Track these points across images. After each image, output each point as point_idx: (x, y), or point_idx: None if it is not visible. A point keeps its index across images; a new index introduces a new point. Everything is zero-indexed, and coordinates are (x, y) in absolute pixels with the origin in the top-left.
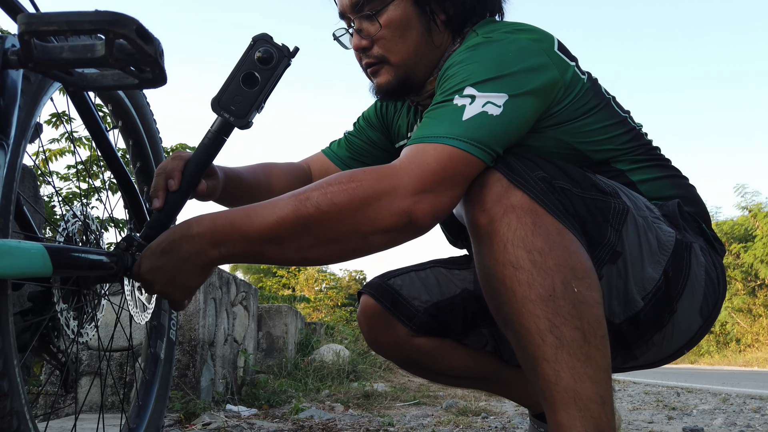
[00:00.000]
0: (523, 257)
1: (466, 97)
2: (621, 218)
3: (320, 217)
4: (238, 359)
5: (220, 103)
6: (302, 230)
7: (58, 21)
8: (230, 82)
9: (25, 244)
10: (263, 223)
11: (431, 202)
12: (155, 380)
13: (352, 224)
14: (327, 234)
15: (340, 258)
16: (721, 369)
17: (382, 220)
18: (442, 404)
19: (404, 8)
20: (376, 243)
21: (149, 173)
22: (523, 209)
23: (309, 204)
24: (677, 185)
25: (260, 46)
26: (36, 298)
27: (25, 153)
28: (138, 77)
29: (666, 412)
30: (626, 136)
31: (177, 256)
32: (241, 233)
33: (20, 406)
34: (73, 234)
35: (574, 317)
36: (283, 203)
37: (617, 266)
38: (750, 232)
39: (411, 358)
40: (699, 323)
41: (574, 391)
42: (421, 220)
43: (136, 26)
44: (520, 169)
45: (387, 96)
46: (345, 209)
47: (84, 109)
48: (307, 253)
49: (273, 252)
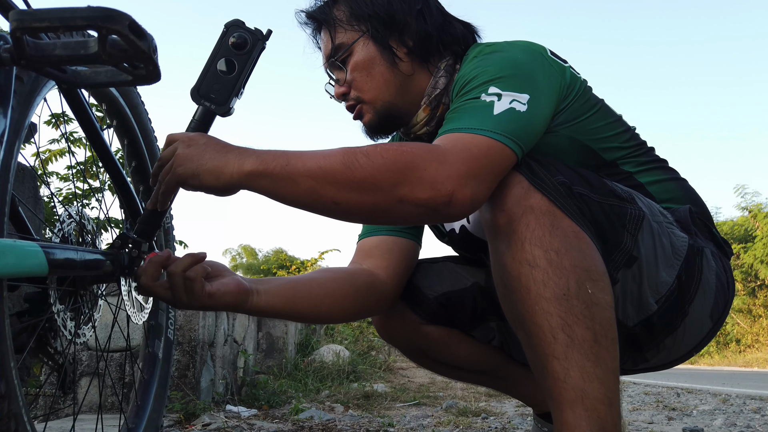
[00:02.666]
0: (539, 256)
1: (492, 95)
2: (637, 224)
3: (365, 163)
4: (238, 360)
5: (200, 92)
6: (343, 169)
7: (50, 17)
8: (207, 71)
9: (21, 244)
10: (310, 156)
11: (473, 189)
12: (153, 380)
13: (392, 180)
14: (366, 181)
15: (369, 214)
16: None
17: (423, 190)
18: (442, 405)
19: (366, 49)
20: (408, 212)
21: (145, 172)
22: (541, 211)
23: (358, 150)
24: (681, 187)
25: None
26: (33, 299)
27: (19, 153)
28: (132, 74)
29: (666, 413)
30: (626, 135)
31: (220, 143)
32: (287, 157)
33: (18, 408)
34: (69, 234)
35: (586, 317)
36: (334, 149)
37: (632, 270)
38: (750, 232)
39: (418, 346)
40: (709, 326)
41: (582, 390)
42: (461, 204)
43: (129, 22)
44: (541, 172)
45: (375, 132)
46: (391, 162)
47: (78, 108)
48: (339, 196)
49: (307, 185)
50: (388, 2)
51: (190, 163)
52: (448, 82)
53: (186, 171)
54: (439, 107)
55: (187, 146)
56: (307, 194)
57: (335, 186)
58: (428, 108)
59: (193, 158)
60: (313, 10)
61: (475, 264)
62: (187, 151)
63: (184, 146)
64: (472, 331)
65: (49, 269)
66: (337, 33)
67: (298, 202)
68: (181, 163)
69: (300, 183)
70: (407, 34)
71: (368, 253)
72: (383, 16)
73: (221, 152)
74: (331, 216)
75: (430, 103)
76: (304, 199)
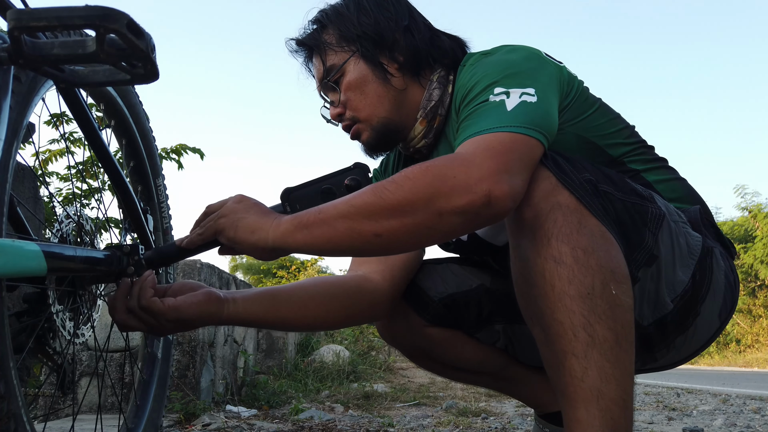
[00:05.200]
0: (566, 253)
1: (499, 94)
2: (658, 223)
3: (394, 188)
4: (238, 360)
5: (290, 196)
6: (375, 200)
7: (48, 16)
8: (310, 186)
9: (19, 243)
10: (339, 201)
11: (509, 183)
12: (153, 380)
13: (426, 196)
14: (400, 204)
15: (413, 237)
16: (721, 370)
17: (459, 197)
18: (442, 405)
19: (357, 68)
20: (451, 224)
21: (143, 172)
22: (569, 208)
23: (384, 181)
24: (684, 187)
25: (356, 174)
26: (31, 299)
27: (17, 153)
28: (130, 72)
29: (666, 413)
30: (627, 131)
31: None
32: (318, 209)
33: (17, 408)
34: (68, 234)
35: (609, 318)
36: (361, 189)
37: (651, 269)
38: (750, 232)
39: (421, 347)
40: (717, 326)
41: (598, 390)
42: (501, 201)
43: (127, 21)
44: (568, 169)
45: (374, 150)
46: (420, 179)
47: (76, 108)
48: (378, 227)
49: (344, 226)
50: (375, 21)
51: (233, 215)
52: (442, 93)
53: (226, 222)
54: (436, 119)
55: (235, 202)
56: (347, 235)
57: (372, 218)
58: (425, 120)
59: (237, 212)
60: (303, 37)
61: (479, 266)
62: (234, 206)
63: (233, 202)
64: (477, 333)
65: (48, 269)
66: (327, 56)
67: (339, 246)
68: (225, 214)
69: (336, 226)
70: (397, 50)
71: (364, 260)
72: (372, 35)
73: (264, 214)
74: (379, 252)
75: (426, 115)
76: (344, 240)
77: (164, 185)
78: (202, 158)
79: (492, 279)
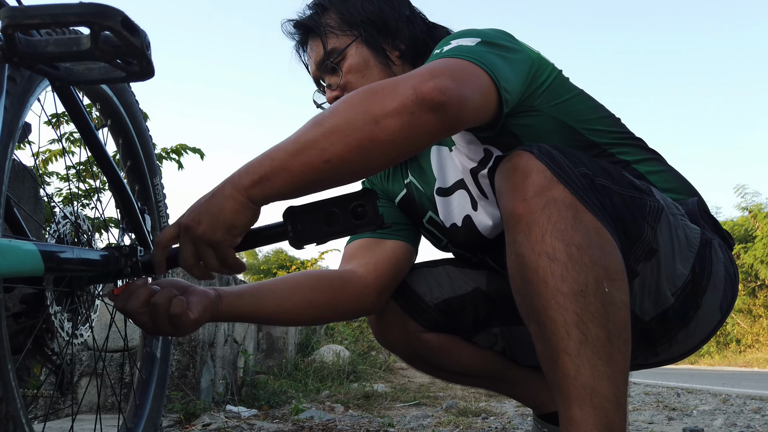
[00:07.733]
0: (560, 249)
1: (453, 41)
2: (656, 216)
3: (330, 113)
4: (238, 360)
5: (293, 216)
6: (316, 128)
7: (42, 14)
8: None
9: (16, 243)
10: (283, 143)
11: (435, 81)
12: (152, 379)
13: (360, 109)
14: (339, 125)
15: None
16: (721, 369)
17: (390, 101)
18: (442, 405)
19: (360, 52)
20: (390, 128)
21: (140, 172)
22: (564, 204)
23: (324, 110)
24: (677, 178)
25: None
26: (29, 300)
27: (13, 154)
28: (125, 70)
29: (666, 413)
30: (610, 120)
31: (208, 193)
32: (272, 160)
33: (15, 410)
34: (65, 234)
35: (602, 316)
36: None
37: (651, 263)
38: (750, 232)
39: (418, 353)
40: (718, 318)
41: (591, 388)
42: (429, 96)
43: (122, 18)
44: (564, 163)
45: None
46: (355, 99)
47: (72, 107)
48: (325, 153)
49: (300, 162)
50: (379, 9)
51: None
52: None
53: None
54: None
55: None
56: (301, 171)
57: (318, 147)
58: None
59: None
60: (303, 18)
61: (475, 267)
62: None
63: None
64: (474, 337)
65: (46, 269)
66: (328, 39)
67: (297, 186)
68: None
69: (291, 168)
70: (399, 39)
71: (351, 256)
72: (376, 21)
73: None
74: (334, 180)
75: None
76: (302, 176)
77: (161, 184)
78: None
79: (488, 280)
